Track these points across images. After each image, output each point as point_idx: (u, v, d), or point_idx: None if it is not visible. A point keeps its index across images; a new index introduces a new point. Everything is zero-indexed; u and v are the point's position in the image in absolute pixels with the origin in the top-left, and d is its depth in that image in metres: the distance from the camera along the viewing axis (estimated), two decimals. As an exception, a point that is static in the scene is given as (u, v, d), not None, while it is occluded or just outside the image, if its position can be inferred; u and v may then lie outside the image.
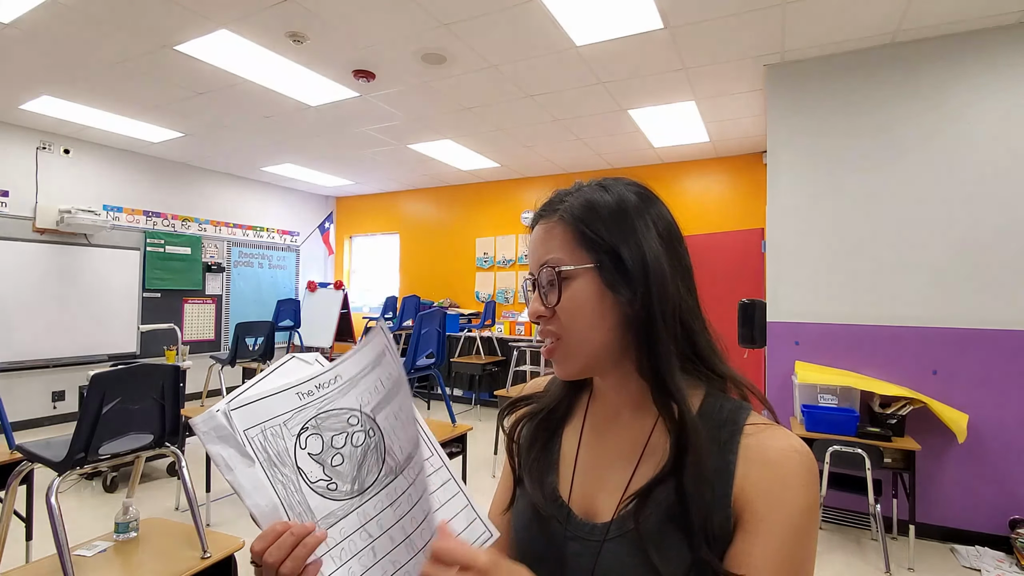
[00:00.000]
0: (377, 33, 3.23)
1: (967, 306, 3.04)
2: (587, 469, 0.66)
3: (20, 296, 5.10)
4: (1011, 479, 2.95)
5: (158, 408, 2.06)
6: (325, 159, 6.30)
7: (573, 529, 0.62)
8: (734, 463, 0.55)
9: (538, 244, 0.64)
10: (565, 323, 0.61)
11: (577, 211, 0.62)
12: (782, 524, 0.52)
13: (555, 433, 0.72)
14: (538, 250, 0.64)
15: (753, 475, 0.54)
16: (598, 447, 0.67)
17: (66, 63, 3.70)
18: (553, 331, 0.62)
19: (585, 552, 0.60)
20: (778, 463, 0.54)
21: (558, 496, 0.66)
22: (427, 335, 2.89)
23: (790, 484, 0.53)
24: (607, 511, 0.61)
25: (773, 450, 0.55)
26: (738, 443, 0.56)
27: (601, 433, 0.67)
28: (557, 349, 0.62)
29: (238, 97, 4.29)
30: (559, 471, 0.68)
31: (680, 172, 6.01)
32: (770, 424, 0.58)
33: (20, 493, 2.21)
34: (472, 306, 7.28)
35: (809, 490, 0.53)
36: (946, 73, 3.12)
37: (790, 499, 0.53)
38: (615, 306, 0.60)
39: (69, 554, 1.59)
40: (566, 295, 0.60)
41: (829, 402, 3.13)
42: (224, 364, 4.10)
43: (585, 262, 0.60)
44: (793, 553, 0.52)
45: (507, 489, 0.74)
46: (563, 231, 0.62)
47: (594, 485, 0.64)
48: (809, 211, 3.44)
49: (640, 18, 3.00)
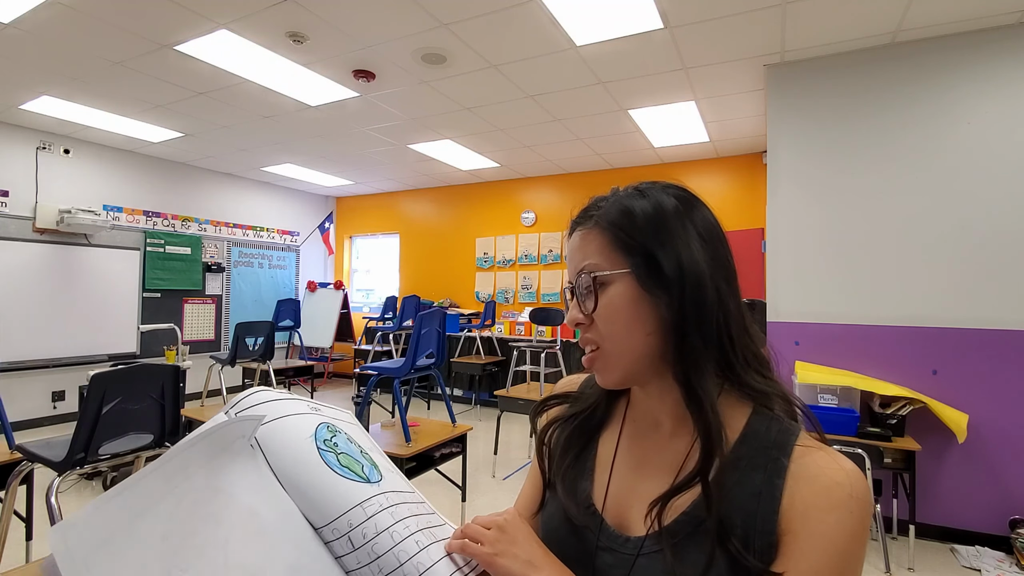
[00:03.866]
0: (377, 33, 3.23)
1: (967, 306, 3.04)
2: (623, 479, 0.64)
3: (20, 296, 5.09)
4: (1011, 479, 2.95)
5: (158, 408, 2.06)
6: (325, 159, 6.30)
7: (606, 540, 0.61)
8: (781, 486, 0.54)
9: (575, 251, 0.64)
10: (604, 330, 0.60)
11: (613, 216, 0.61)
12: (825, 548, 0.51)
13: (591, 438, 0.70)
14: (575, 257, 0.64)
15: (800, 497, 0.53)
16: (635, 457, 0.65)
17: (66, 63, 3.70)
18: (592, 339, 0.61)
19: (618, 564, 0.59)
20: (826, 487, 0.52)
21: (591, 504, 0.64)
22: (427, 335, 2.89)
23: (837, 506, 0.51)
24: (640, 523, 0.60)
25: (822, 473, 0.53)
26: (786, 467, 0.54)
27: (639, 442, 0.66)
28: (598, 358, 0.62)
29: (238, 97, 4.29)
30: (593, 478, 0.66)
31: (680, 172, 6.00)
32: (821, 447, 0.56)
33: (20, 493, 2.21)
34: (472, 306, 7.28)
35: (856, 515, 0.51)
36: (946, 73, 3.12)
37: (835, 522, 0.51)
38: (653, 311, 0.58)
39: (69, 554, 1.59)
40: (603, 301, 0.60)
41: (829, 402, 3.13)
42: (224, 364, 4.10)
43: (621, 266, 0.60)
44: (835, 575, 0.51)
45: (536, 489, 0.72)
46: (599, 237, 0.62)
47: (629, 496, 0.63)
48: (809, 211, 3.44)
49: (640, 18, 3.00)
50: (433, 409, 6.39)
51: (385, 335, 7.14)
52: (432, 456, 2.80)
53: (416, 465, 2.71)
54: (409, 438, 2.74)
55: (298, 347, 6.87)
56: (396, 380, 2.82)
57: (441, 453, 2.86)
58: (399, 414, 2.82)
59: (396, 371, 2.80)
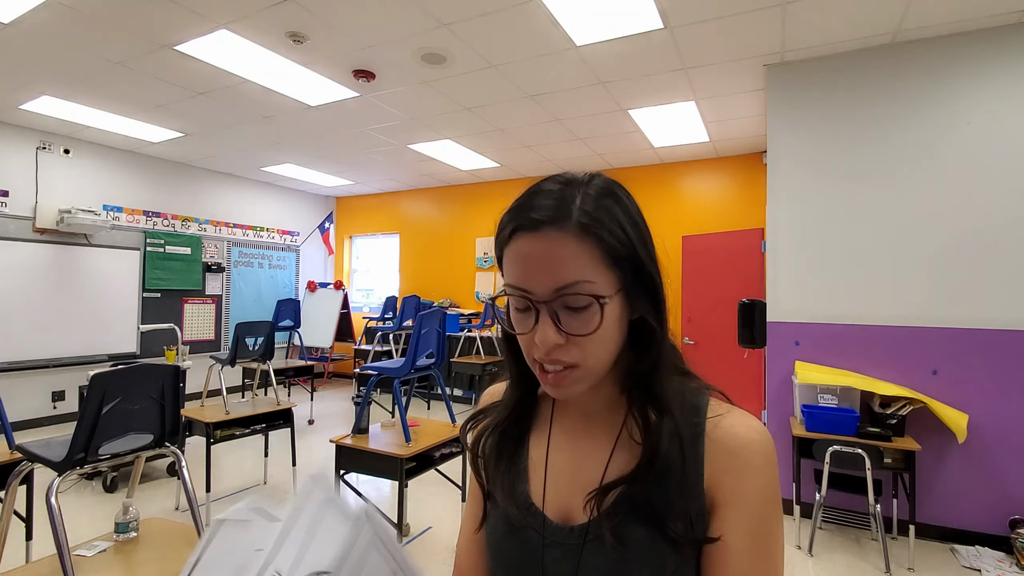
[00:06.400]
0: (377, 33, 3.23)
1: (967, 306, 3.04)
2: (559, 472, 0.63)
3: (20, 296, 5.09)
4: (1011, 479, 2.95)
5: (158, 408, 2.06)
6: (325, 159, 6.30)
7: (551, 535, 0.60)
8: (703, 454, 0.56)
9: (545, 258, 0.52)
10: (589, 349, 0.54)
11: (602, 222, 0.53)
12: (751, 505, 0.55)
13: (521, 441, 0.68)
14: (546, 265, 0.52)
15: (720, 463, 0.56)
16: (569, 449, 0.64)
17: (66, 63, 3.70)
18: (568, 360, 0.54)
19: (564, 557, 0.59)
20: (741, 448, 0.56)
21: (531, 504, 0.63)
22: (427, 335, 2.89)
23: (753, 465, 0.55)
24: (582, 512, 0.59)
25: (735, 437, 0.56)
26: (703, 433, 0.57)
27: (570, 435, 0.65)
28: (570, 377, 0.55)
29: (238, 97, 4.29)
30: (529, 478, 0.65)
31: (680, 172, 6.01)
32: (730, 409, 0.59)
33: (20, 493, 2.21)
34: (472, 306, 7.28)
35: (771, 469, 0.56)
36: (946, 73, 3.12)
37: (754, 480, 0.55)
38: (627, 321, 0.57)
39: (69, 554, 1.59)
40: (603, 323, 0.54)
41: (829, 402, 3.13)
42: (224, 364, 4.09)
43: (615, 283, 0.54)
44: (763, 529, 0.55)
45: (477, 506, 0.70)
46: (586, 246, 0.52)
47: (567, 487, 0.62)
48: (809, 211, 3.44)
49: (640, 18, 3.00)
50: (433, 409, 6.39)
51: (385, 335, 7.15)
52: (432, 456, 2.80)
53: (416, 465, 2.71)
54: (409, 438, 2.74)
55: (298, 347, 6.87)
56: (396, 380, 2.82)
57: (441, 453, 2.86)
58: (399, 414, 2.82)
59: (396, 371, 2.80)
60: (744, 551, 0.54)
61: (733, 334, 3.76)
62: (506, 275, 0.56)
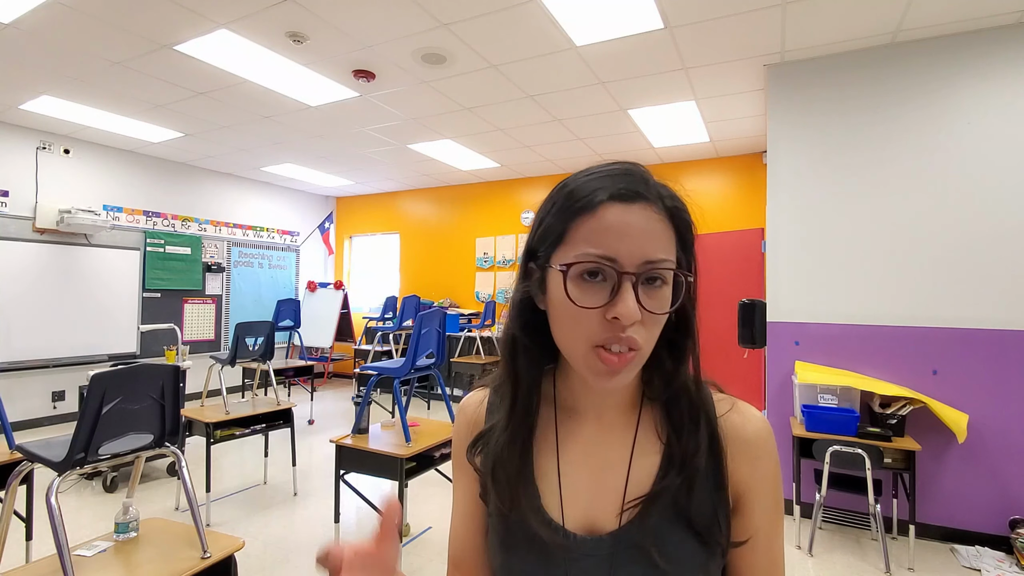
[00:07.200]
0: (377, 33, 3.23)
1: (967, 306, 3.04)
2: (576, 483, 0.60)
3: (20, 296, 5.09)
4: (1011, 479, 2.95)
5: (158, 408, 2.06)
6: (325, 159, 6.30)
7: (578, 548, 0.57)
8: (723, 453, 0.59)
9: (643, 231, 0.52)
10: (653, 332, 0.54)
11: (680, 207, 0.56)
12: (767, 490, 0.60)
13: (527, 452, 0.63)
14: (643, 239, 0.52)
15: (738, 459, 0.59)
16: (582, 457, 0.61)
17: (66, 63, 3.70)
18: (637, 340, 0.52)
19: (595, 569, 0.56)
20: (755, 438, 0.59)
21: (547, 516, 0.59)
22: (427, 335, 2.89)
23: (766, 451, 0.60)
24: (608, 520, 0.57)
25: (747, 430, 0.60)
26: (718, 428, 0.59)
27: (580, 440, 0.62)
28: (631, 360, 0.53)
29: (238, 97, 4.29)
30: (540, 490, 0.61)
31: (680, 172, 6.01)
32: (733, 401, 0.62)
33: (20, 493, 2.21)
34: (472, 306, 7.28)
35: (776, 452, 0.61)
36: (946, 73, 3.12)
37: (766, 466, 0.60)
38: None
39: (69, 554, 1.59)
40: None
41: (829, 402, 3.13)
42: (224, 364, 4.09)
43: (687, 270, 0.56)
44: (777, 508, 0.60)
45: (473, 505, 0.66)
46: (668, 227, 0.55)
47: (588, 497, 0.59)
48: (809, 211, 3.44)
49: (640, 18, 3.00)
50: (433, 409, 6.39)
51: (385, 335, 7.14)
52: (432, 456, 2.80)
53: (416, 465, 2.71)
54: (409, 438, 2.74)
55: (298, 347, 6.87)
56: (396, 380, 2.82)
57: (441, 453, 2.86)
58: (399, 414, 2.82)
59: (396, 371, 2.80)
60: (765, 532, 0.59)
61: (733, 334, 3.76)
62: (583, 245, 0.53)
